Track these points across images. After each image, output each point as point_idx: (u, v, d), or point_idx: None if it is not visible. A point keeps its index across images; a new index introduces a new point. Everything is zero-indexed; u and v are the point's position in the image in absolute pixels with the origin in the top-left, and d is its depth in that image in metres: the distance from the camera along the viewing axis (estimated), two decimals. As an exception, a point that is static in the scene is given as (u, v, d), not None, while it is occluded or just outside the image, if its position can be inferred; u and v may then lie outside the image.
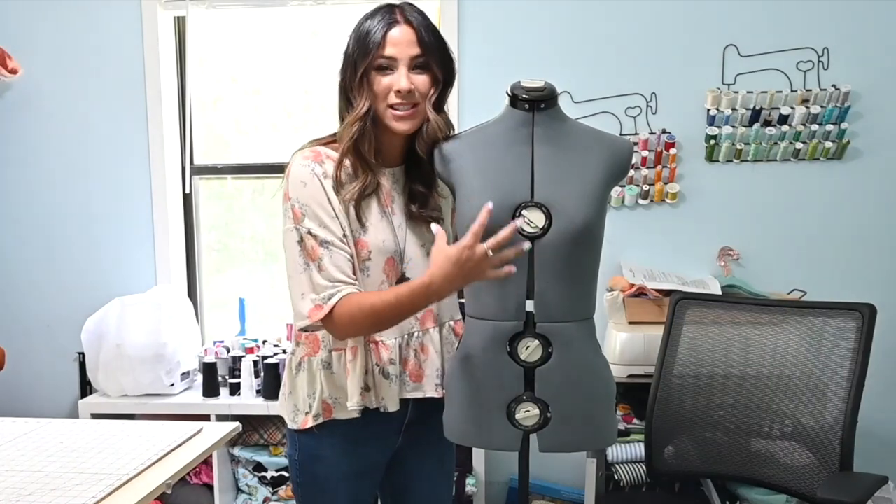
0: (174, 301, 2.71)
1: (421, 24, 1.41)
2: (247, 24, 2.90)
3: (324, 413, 1.48)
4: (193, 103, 2.91)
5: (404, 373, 1.49)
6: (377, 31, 1.40)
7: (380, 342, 1.46)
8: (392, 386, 1.46)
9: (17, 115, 2.85)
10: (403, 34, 1.39)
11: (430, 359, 1.50)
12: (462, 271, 1.28)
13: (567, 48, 2.66)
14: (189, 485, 2.67)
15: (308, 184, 1.41)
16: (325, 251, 1.39)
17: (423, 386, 1.50)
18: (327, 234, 1.40)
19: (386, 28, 1.39)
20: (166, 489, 1.33)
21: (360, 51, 1.41)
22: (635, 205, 2.70)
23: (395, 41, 1.39)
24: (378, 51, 1.39)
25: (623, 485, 2.35)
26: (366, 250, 1.44)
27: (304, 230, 1.40)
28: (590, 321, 1.45)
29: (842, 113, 2.57)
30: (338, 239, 1.40)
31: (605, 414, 1.49)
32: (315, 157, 1.44)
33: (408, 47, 1.39)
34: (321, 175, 1.42)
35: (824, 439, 1.81)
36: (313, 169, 1.42)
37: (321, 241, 1.40)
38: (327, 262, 1.39)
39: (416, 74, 1.41)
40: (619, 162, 1.44)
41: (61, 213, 2.88)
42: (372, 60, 1.40)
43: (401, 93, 1.39)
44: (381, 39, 1.39)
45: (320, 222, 1.40)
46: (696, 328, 2.06)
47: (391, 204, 1.49)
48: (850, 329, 1.82)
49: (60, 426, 1.62)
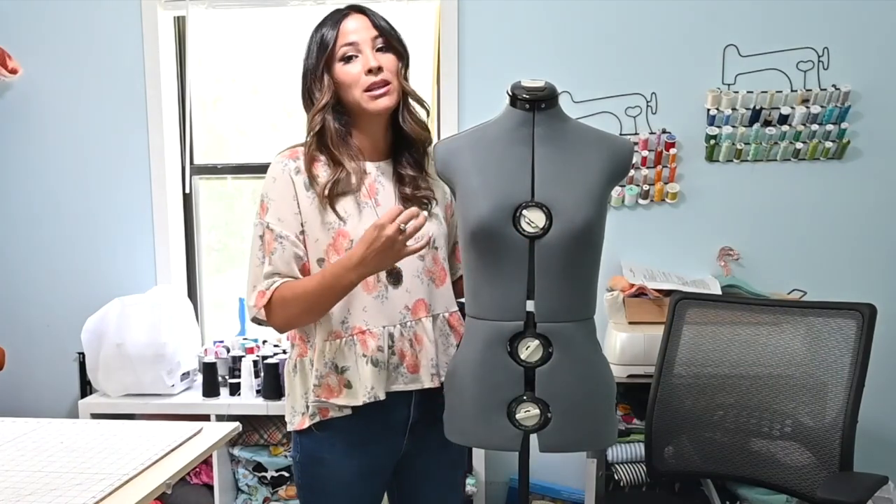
0: (174, 301, 2.71)
1: (370, 11, 1.49)
2: (247, 24, 2.90)
3: (319, 412, 1.48)
4: (193, 103, 2.91)
5: (401, 364, 1.49)
6: (332, 26, 1.47)
7: (367, 331, 1.47)
8: (381, 373, 1.46)
9: (17, 115, 2.85)
10: (358, 21, 1.47)
11: (424, 349, 1.51)
12: (375, 249, 1.33)
13: (567, 48, 2.66)
14: (189, 485, 2.67)
15: (277, 179, 1.48)
16: (279, 245, 1.46)
17: (420, 377, 1.50)
18: (283, 229, 1.46)
19: (338, 22, 1.47)
20: (166, 489, 1.33)
21: (318, 49, 1.47)
22: (635, 205, 2.70)
23: (352, 29, 1.46)
24: (337, 42, 1.45)
25: (623, 485, 2.35)
26: (347, 240, 1.46)
27: (265, 224, 1.47)
28: (590, 321, 1.45)
29: (842, 113, 2.57)
30: (293, 235, 1.46)
31: (605, 414, 1.49)
32: (291, 155, 1.51)
33: (366, 30, 1.47)
34: (292, 171, 1.48)
35: (824, 439, 1.81)
36: (285, 165, 1.49)
37: (276, 236, 1.46)
38: (277, 257, 1.45)
39: (381, 54, 1.46)
40: (619, 162, 1.44)
41: (61, 212, 2.88)
42: (333, 52, 1.46)
43: (372, 71, 1.44)
44: (336, 32, 1.45)
45: (280, 217, 1.46)
46: (696, 328, 2.06)
47: (375, 195, 1.50)
48: (850, 329, 1.81)
49: (60, 426, 1.61)
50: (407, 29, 1.57)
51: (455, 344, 1.56)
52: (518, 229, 1.36)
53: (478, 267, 1.41)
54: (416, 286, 1.50)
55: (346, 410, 1.47)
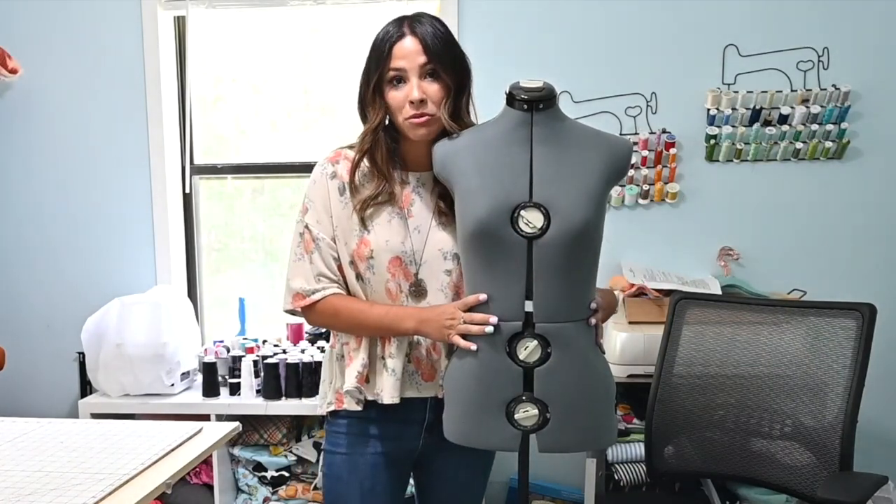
0: (174, 301, 2.71)
1: (427, 33, 1.45)
2: (247, 23, 2.90)
3: (336, 402, 1.55)
4: (193, 103, 2.92)
5: (417, 372, 1.54)
6: (385, 46, 1.46)
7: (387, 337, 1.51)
8: (389, 379, 1.50)
9: (17, 115, 2.85)
10: (409, 45, 1.44)
11: (440, 359, 1.54)
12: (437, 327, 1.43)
13: (567, 48, 2.66)
14: (189, 485, 2.67)
15: (317, 182, 1.54)
16: (316, 246, 1.51)
17: (434, 385, 1.54)
18: (321, 232, 1.51)
19: (393, 41, 1.45)
20: (166, 489, 1.33)
21: (371, 66, 1.48)
22: (635, 205, 2.70)
23: (402, 53, 1.44)
24: (386, 64, 1.45)
25: (623, 485, 2.35)
26: (368, 248, 1.49)
27: (305, 223, 1.53)
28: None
29: (842, 113, 2.56)
30: (329, 237, 1.51)
31: (604, 414, 1.49)
32: (333, 158, 1.55)
33: (415, 57, 1.44)
34: (329, 175, 1.52)
35: (824, 439, 1.81)
36: (325, 169, 1.53)
37: (315, 237, 1.51)
38: (317, 257, 1.51)
39: (427, 83, 1.45)
40: (618, 162, 1.44)
41: (61, 212, 2.88)
42: (382, 74, 1.46)
43: (413, 103, 1.44)
44: (388, 53, 1.45)
45: (318, 219, 1.52)
46: (696, 328, 2.06)
47: (409, 206, 1.52)
48: (850, 329, 1.81)
49: (60, 426, 1.62)
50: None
51: None
52: (516, 230, 1.36)
53: (476, 267, 1.41)
54: (438, 300, 1.51)
55: (359, 406, 1.52)
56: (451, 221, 1.50)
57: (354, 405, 1.51)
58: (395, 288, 1.51)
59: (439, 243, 1.51)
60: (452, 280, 1.52)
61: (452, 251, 1.50)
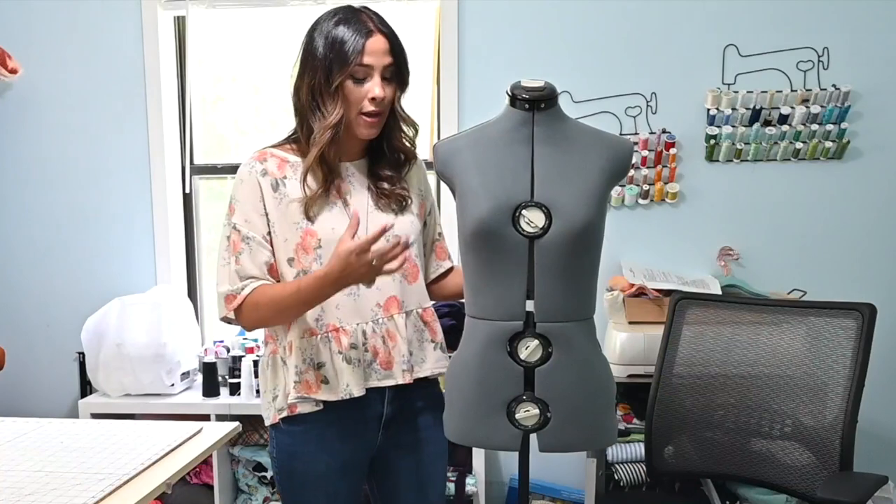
0: (174, 301, 2.71)
1: (392, 33, 1.48)
2: (247, 23, 2.90)
3: (288, 408, 1.51)
4: (193, 103, 2.91)
5: (374, 361, 1.51)
6: (356, 41, 1.43)
7: (339, 329, 1.49)
8: (355, 371, 1.48)
9: (17, 115, 2.84)
10: (379, 44, 1.45)
11: (397, 345, 1.52)
12: (348, 271, 1.36)
13: (567, 48, 2.66)
14: (189, 485, 2.67)
15: (244, 181, 1.50)
16: (246, 246, 1.48)
17: (393, 373, 1.52)
18: (250, 231, 1.48)
19: (364, 38, 1.44)
20: (166, 489, 1.33)
21: (335, 58, 1.44)
22: (635, 205, 2.70)
23: (372, 50, 1.44)
24: (356, 58, 1.43)
25: (623, 485, 2.35)
26: (315, 239, 1.49)
27: (232, 225, 1.49)
28: (590, 321, 1.45)
29: (842, 113, 2.57)
30: (259, 236, 1.48)
31: (605, 414, 1.49)
32: (259, 157, 1.52)
33: (383, 56, 1.45)
34: (259, 173, 1.49)
35: (824, 439, 1.81)
36: (252, 167, 1.50)
37: (244, 237, 1.48)
38: (244, 257, 1.47)
39: (385, 83, 1.47)
40: (619, 162, 1.44)
41: (61, 212, 2.88)
42: (349, 70, 1.44)
43: (375, 100, 1.45)
44: (361, 49, 1.43)
45: (246, 218, 1.48)
46: (696, 328, 2.06)
47: (346, 195, 1.52)
48: (850, 329, 1.81)
49: (60, 426, 1.62)
50: (407, 29, 1.57)
51: (430, 339, 1.59)
52: (518, 229, 1.36)
53: (477, 267, 1.41)
54: (387, 284, 1.51)
55: (319, 406, 1.49)
56: (389, 205, 1.53)
57: (312, 406, 1.49)
58: None
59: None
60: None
61: (393, 234, 1.49)
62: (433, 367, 1.59)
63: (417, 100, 2.80)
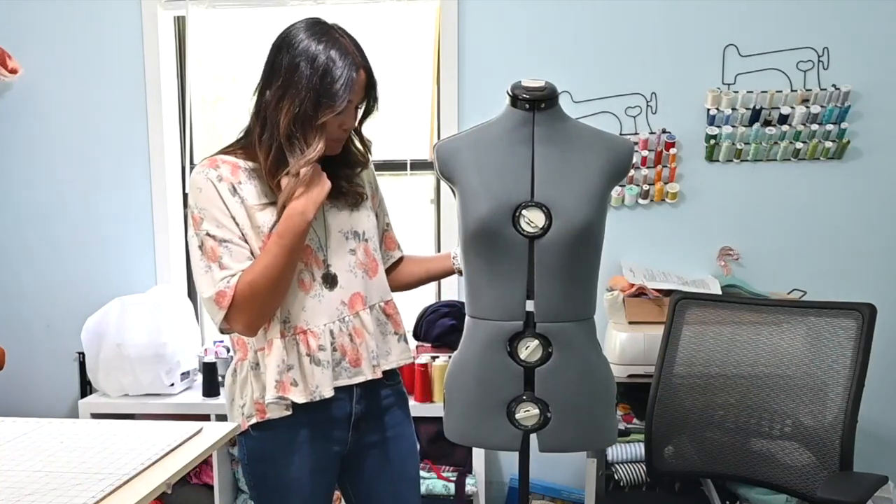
0: (174, 301, 2.71)
1: (367, 65, 1.47)
2: (247, 23, 2.90)
3: (257, 414, 1.51)
4: (193, 103, 2.91)
5: (343, 359, 1.50)
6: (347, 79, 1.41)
7: (307, 331, 1.47)
8: (325, 372, 1.47)
9: (18, 115, 2.84)
10: (362, 79, 1.45)
11: (364, 342, 1.52)
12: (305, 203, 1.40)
13: (567, 48, 2.66)
14: (189, 485, 2.67)
15: (203, 189, 1.45)
16: (225, 250, 1.44)
17: (362, 370, 1.52)
18: (225, 234, 1.44)
19: (354, 75, 1.42)
20: (166, 489, 1.33)
21: (325, 94, 1.40)
22: (635, 205, 2.70)
23: (358, 88, 1.45)
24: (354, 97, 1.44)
25: (623, 485, 2.35)
26: None
27: (203, 233, 1.44)
28: (590, 321, 1.45)
29: (842, 113, 2.57)
30: (236, 237, 1.44)
31: (605, 414, 1.50)
32: (210, 164, 1.49)
33: (360, 91, 1.46)
34: (215, 178, 1.46)
35: (824, 439, 1.81)
36: (207, 174, 1.46)
37: (220, 241, 1.44)
38: (227, 260, 1.43)
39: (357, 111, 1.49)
40: (619, 162, 1.44)
41: (61, 212, 2.88)
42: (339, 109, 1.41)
43: (346, 130, 1.48)
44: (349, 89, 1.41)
45: (218, 223, 1.44)
46: (696, 328, 2.06)
47: None
48: (850, 329, 1.81)
49: (60, 426, 1.61)
50: (407, 29, 1.56)
51: (393, 332, 1.59)
52: (518, 229, 1.36)
53: (477, 267, 1.42)
54: (350, 281, 1.51)
55: (288, 411, 1.48)
56: (345, 203, 1.53)
57: (283, 411, 1.48)
58: (308, 279, 1.48)
59: (338, 225, 1.52)
60: (358, 258, 1.53)
61: (352, 230, 1.51)
62: (398, 359, 1.59)
63: (417, 100, 2.81)
